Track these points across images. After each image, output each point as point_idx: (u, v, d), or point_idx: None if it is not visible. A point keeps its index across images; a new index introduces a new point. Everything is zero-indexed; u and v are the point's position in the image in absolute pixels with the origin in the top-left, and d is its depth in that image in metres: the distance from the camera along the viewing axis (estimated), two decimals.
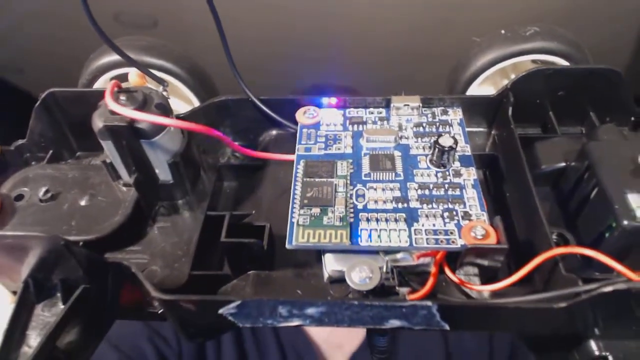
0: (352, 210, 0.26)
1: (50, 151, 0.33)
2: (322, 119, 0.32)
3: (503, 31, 0.36)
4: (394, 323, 0.23)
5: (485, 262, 0.25)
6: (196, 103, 0.39)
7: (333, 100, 0.32)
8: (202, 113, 0.32)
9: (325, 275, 0.26)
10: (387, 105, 0.32)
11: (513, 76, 0.39)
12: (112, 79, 0.37)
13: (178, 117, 0.31)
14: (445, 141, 0.27)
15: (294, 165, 0.29)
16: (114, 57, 0.35)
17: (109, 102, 0.24)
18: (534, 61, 0.37)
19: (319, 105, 0.32)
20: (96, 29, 0.26)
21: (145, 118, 0.24)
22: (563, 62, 0.35)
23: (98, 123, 0.26)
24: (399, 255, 0.24)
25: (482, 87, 0.38)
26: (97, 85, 0.37)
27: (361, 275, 0.23)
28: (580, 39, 0.36)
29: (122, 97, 0.26)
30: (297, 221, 0.26)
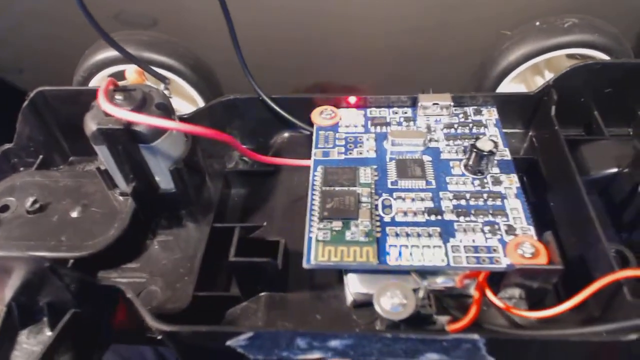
0: (378, 223, 0.23)
1: (40, 156, 0.30)
2: (341, 120, 0.29)
3: (538, 23, 0.32)
4: (431, 357, 0.20)
5: (534, 284, 0.22)
6: (200, 103, 0.36)
7: (352, 99, 0.29)
8: (207, 114, 0.29)
9: (349, 299, 0.22)
10: (414, 105, 0.29)
11: (547, 72, 0.36)
12: (109, 76, 0.34)
13: (181, 118, 0.28)
14: (484, 145, 0.24)
15: (311, 171, 0.26)
16: (111, 52, 0.32)
17: (102, 102, 0.21)
18: (569, 56, 0.34)
19: (337, 105, 0.29)
20: (91, 22, 0.23)
21: (144, 120, 0.21)
22: (603, 56, 0.32)
23: (91, 126, 0.23)
24: (439, 280, 0.21)
25: (512, 85, 0.35)
26: (93, 83, 0.34)
27: (393, 302, 0.20)
28: (619, 32, 0.33)
29: (119, 97, 0.23)
30: (316, 237, 0.22)
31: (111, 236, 0.25)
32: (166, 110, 0.24)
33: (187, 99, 0.37)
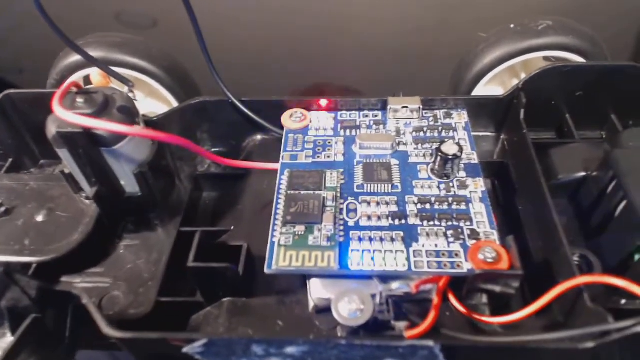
0: (342, 228, 0.23)
1: (10, 159, 0.30)
2: (311, 123, 0.28)
3: (512, 25, 0.32)
4: None
5: (497, 289, 0.21)
6: (175, 105, 0.36)
7: (323, 102, 0.29)
8: (177, 116, 0.29)
9: (311, 304, 0.22)
10: (384, 108, 0.28)
11: (524, 75, 0.36)
12: (74, 80, 0.34)
13: (149, 120, 0.28)
14: (449, 149, 0.24)
15: (278, 175, 0.26)
16: None
17: (55, 105, 0.20)
18: (546, 58, 0.34)
19: (308, 108, 0.29)
20: (51, 25, 0.23)
21: (95, 125, 0.21)
22: (578, 59, 0.32)
23: (51, 129, 0.23)
24: (393, 285, 0.21)
25: (489, 88, 0.35)
26: None
27: (350, 308, 0.20)
28: (596, 34, 0.33)
29: (80, 100, 0.23)
30: (279, 241, 0.22)
31: (75, 241, 0.24)
32: (129, 114, 0.24)
33: (163, 101, 0.37)
